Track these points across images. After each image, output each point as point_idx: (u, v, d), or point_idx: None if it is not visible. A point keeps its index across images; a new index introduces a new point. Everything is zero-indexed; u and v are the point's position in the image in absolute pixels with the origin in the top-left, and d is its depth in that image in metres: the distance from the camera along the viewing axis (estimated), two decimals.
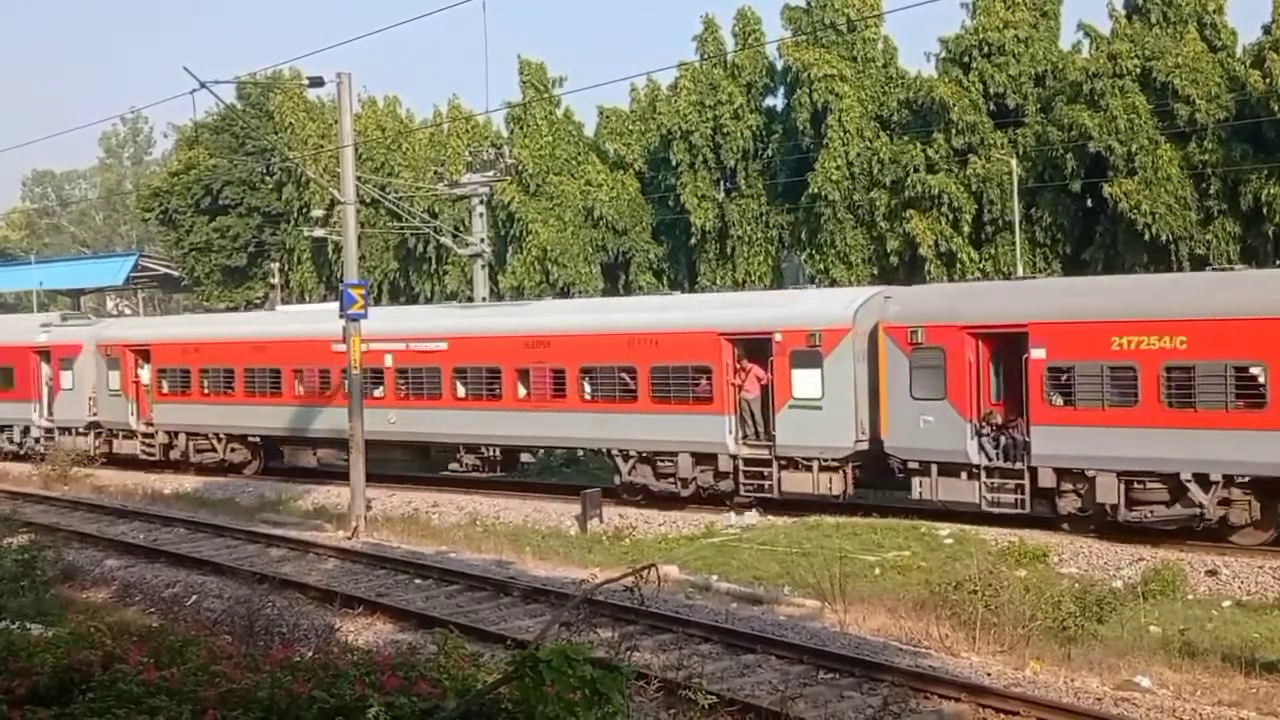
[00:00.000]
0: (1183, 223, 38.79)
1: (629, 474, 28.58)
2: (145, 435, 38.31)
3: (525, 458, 32.12)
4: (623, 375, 28.70)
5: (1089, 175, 40.33)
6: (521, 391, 30.08)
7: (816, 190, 44.46)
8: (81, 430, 40.17)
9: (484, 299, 43.02)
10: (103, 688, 7.72)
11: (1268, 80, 37.38)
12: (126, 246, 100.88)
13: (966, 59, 42.94)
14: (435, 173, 52.46)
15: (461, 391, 31.41)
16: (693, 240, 48.65)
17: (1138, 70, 39.68)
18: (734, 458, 27.03)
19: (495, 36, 58.16)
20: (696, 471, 27.58)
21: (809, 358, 25.82)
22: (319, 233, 55.01)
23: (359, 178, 31.97)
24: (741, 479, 26.96)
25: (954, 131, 42.31)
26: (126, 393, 38.53)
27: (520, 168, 50.86)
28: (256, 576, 20.89)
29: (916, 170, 42.65)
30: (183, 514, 29.82)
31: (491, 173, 45.18)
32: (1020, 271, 39.55)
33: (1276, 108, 37.01)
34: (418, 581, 21.38)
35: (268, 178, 63.31)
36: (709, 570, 22.05)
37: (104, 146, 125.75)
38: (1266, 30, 39.23)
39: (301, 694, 7.40)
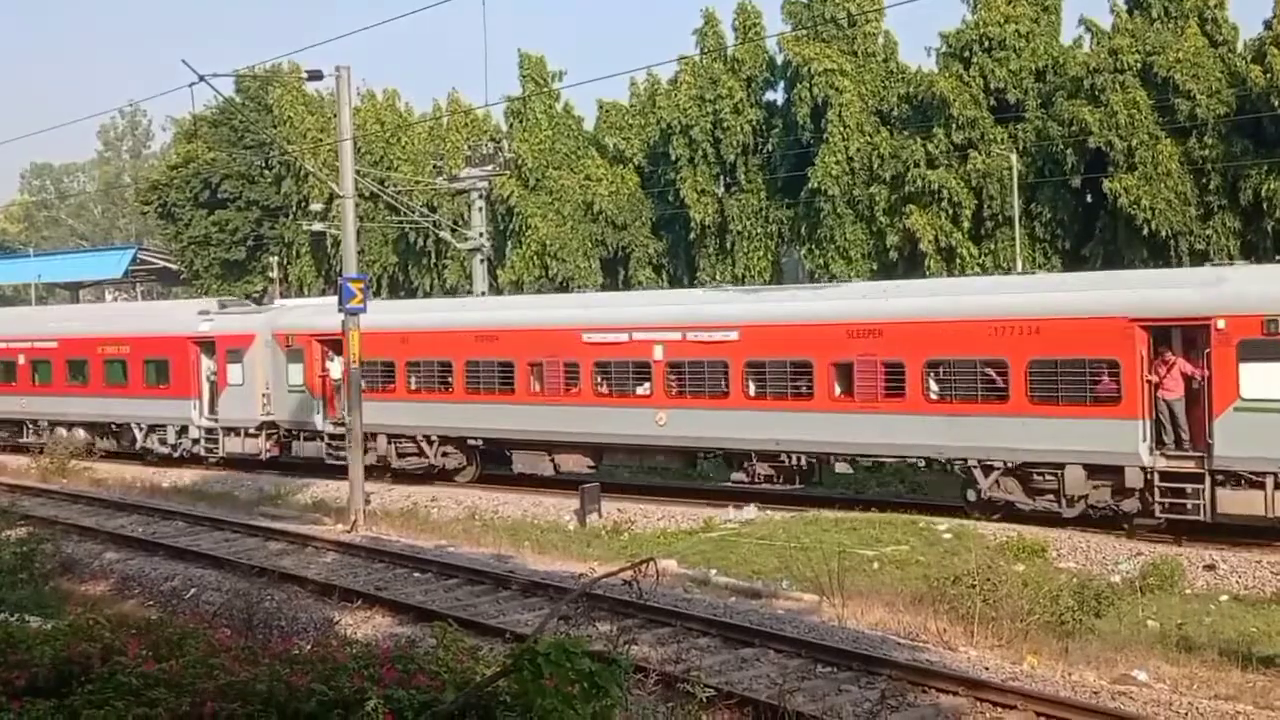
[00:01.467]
0: (1182, 218, 38.78)
1: (989, 489, 24.17)
2: (334, 436, 33.25)
3: (841, 467, 26.94)
4: (986, 370, 24.15)
5: (1089, 170, 40.32)
6: (837, 389, 25.75)
7: (816, 185, 44.43)
8: (252, 431, 35.66)
9: (482, 292, 42.99)
10: (102, 680, 7.72)
11: (1268, 76, 37.35)
12: (125, 240, 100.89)
13: (967, 54, 42.92)
14: (434, 167, 52.54)
15: (755, 389, 26.82)
16: (692, 235, 48.64)
17: (1138, 65, 39.67)
18: (1146, 471, 22.32)
19: (495, 30, 58.45)
20: (1089, 487, 23.15)
21: (1268, 349, 21.12)
22: (318, 227, 55.06)
23: (358, 171, 31.95)
24: (1155, 496, 22.25)
25: (954, 126, 42.30)
26: (311, 389, 33.95)
27: (519, 162, 50.89)
28: (255, 570, 20.94)
29: (917, 165, 42.64)
30: (181, 507, 29.82)
31: (491, 167, 45.27)
32: (1020, 267, 39.59)
33: (1277, 103, 36.98)
34: (417, 575, 21.40)
35: (266, 171, 63.29)
36: (707, 564, 22.06)
37: (102, 139, 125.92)
38: (1267, 25, 39.19)
39: (300, 686, 7.41)
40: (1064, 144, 40.36)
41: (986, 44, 42.59)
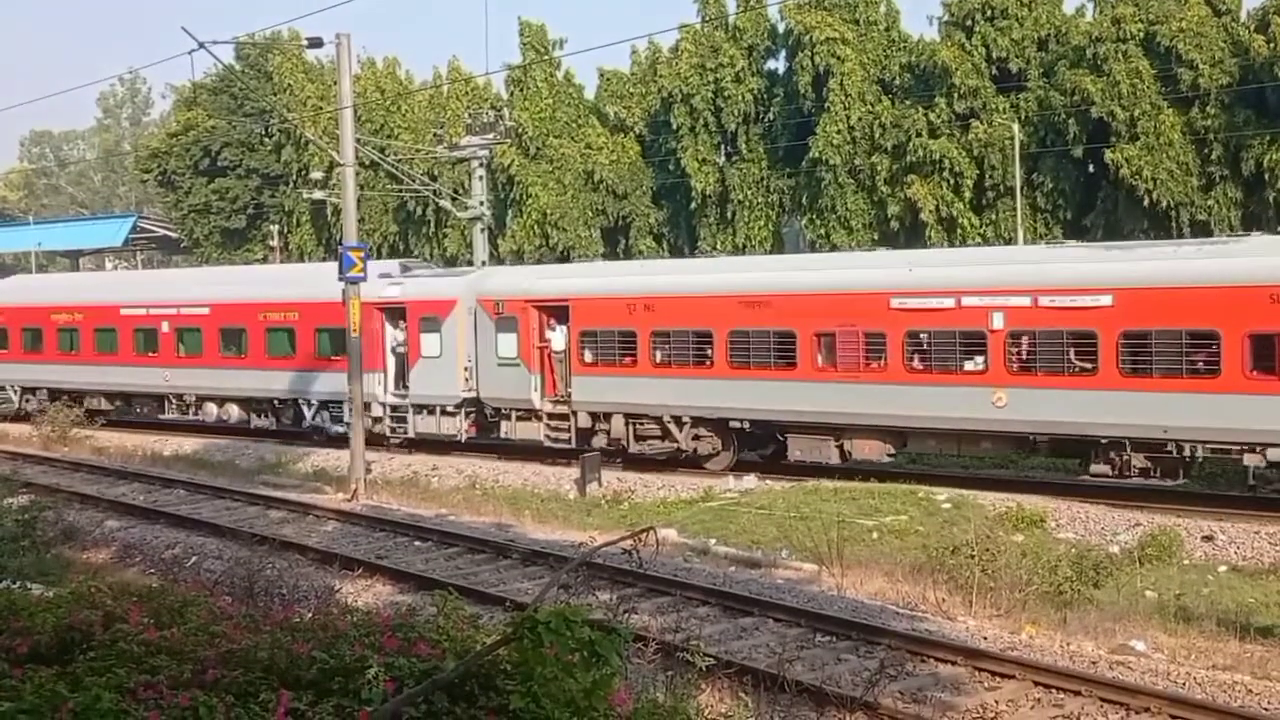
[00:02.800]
0: (1184, 189, 38.72)
1: None
2: (554, 416, 29.91)
3: (1252, 460, 21.64)
4: None
5: (1091, 140, 40.23)
6: (1253, 367, 21.31)
7: (818, 155, 44.34)
8: (450, 409, 31.62)
9: (483, 262, 42.93)
10: (103, 647, 7.75)
11: (1271, 45, 37.24)
12: (125, 208, 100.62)
13: (969, 22, 42.74)
14: (435, 135, 52.34)
15: (1133, 364, 22.49)
16: (693, 205, 48.56)
17: (1141, 35, 39.53)
18: None
19: None
20: None
21: None
22: (318, 195, 54.92)
23: (358, 140, 31.85)
24: None
25: (956, 96, 42.18)
26: (527, 362, 29.96)
27: (520, 130, 50.76)
28: (257, 538, 20.98)
29: (918, 135, 42.53)
30: (183, 476, 29.88)
31: (491, 135, 45.10)
32: (1021, 238, 39.54)
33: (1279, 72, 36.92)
34: (417, 544, 21.47)
35: (266, 139, 63.15)
36: (707, 534, 22.11)
37: (102, 107, 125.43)
38: None
39: (301, 654, 7.44)
40: (1066, 114, 40.25)
41: (989, 12, 42.42)
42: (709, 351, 27.48)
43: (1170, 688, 12.78)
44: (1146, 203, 38.80)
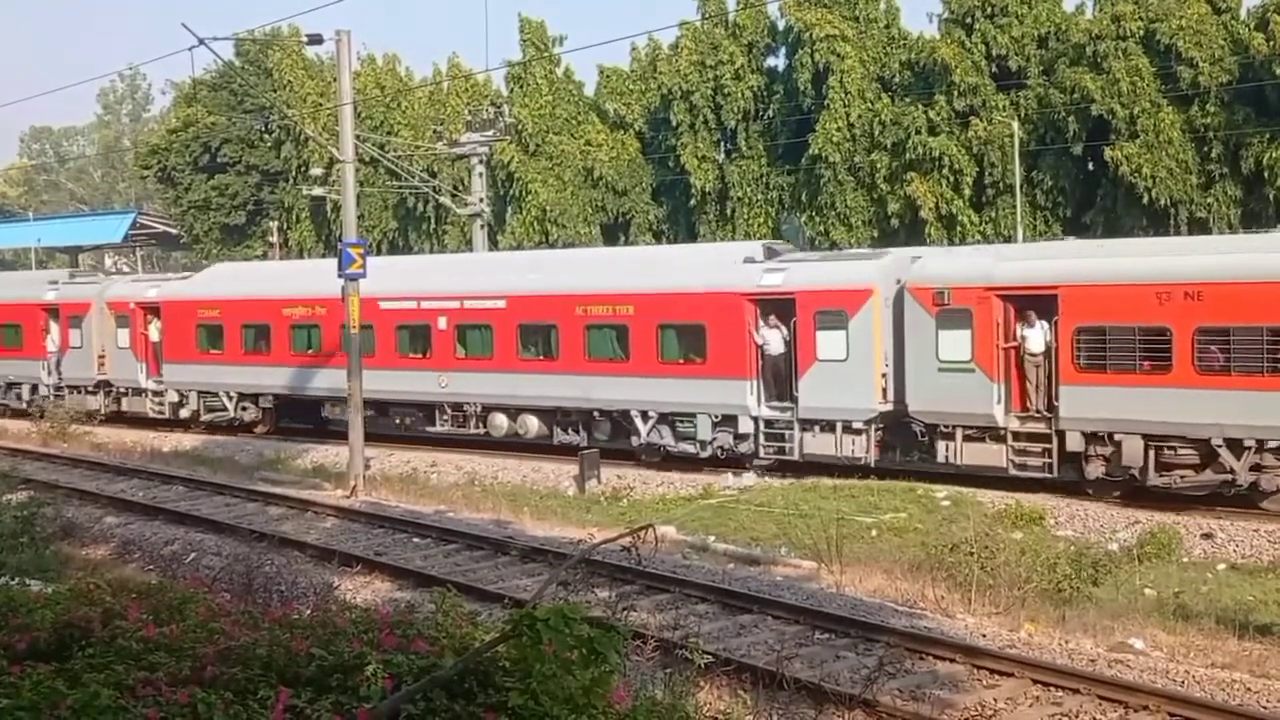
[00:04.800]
0: (1183, 186, 38.74)
1: None
2: (1025, 436, 23.68)
3: None
4: None
5: (1091, 138, 40.25)
6: None
7: (817, 152, 44.36)
8: (857, 425, 25.32)
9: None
10: (102, 644, 7.74)
11: (1271, 43, 37.26)
12: (125, 204, 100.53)
13: (969, 20, 42.76)
14: (434, 132, 52.38)
15: None
16: (692, 201, 48.59)
17: (1141, 32, 39.54)
18: None
19: None
20: None
21: None
22: (318, 191, 54.94)
23: (358, 136, 31.83)
24: None
25: (956, 93, 42.19)
26: (986, 367, 23.73)
27: (520, 127, 50.77)
28: (255, 534, 20.99)
29: (918, 132, 42.54)
30: (181, 472, 29.84)
31: (491, 132, 45.12)
32: (1020, 235, 39.54)
33: (1279, 71, 36.90)
34: (416, 540, 21.46)
35: (266, 136, 63.15)
36: (706, 531, 22.12)
37: (102, 103, 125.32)
38: None
39: (300, 651, 7.43)
40: (1066, 111, 40.26)
41: (989, 10, 42.44)
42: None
43: (1169, 686, 12.78)
44: (1146, 200, 38.83)
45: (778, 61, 49.00)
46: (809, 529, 20.68)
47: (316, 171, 55.45)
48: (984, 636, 14.63)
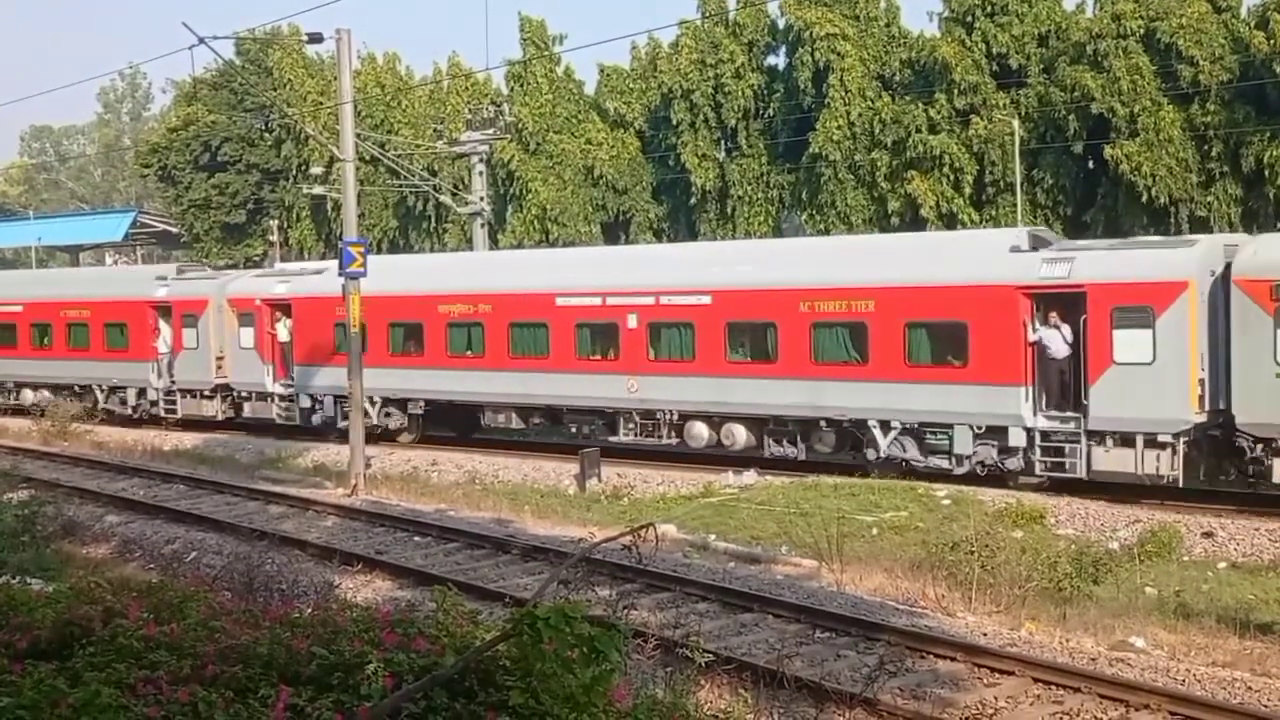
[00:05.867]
0: (1183, 185, 38.72)
1: None
2: None
3: None
4: None
5: (1091, 137, 40.24)
6: None
7: (817, 150, 44.35)
8: (1164, 438, 21.91)
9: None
10: (103, 642, 7.75)
11: (1271, 42, 37.22)
12: (125, 203, 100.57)
13: (969, 18, 42.73)
14: (435, 130, 52.37)
15: None
16: (693, 200, 48.60)
17: (1141, 31, 39.52)
18: None
19: None
20: None
21: None
22: (318, 190, 54.94)
23: (358, 135, 31.81)
24: None
25: (956, 92, 42.17)
26: None
27: (520, 126, 50.75)
28: (256, 533, 20.98)
29: (918, 131, 42.52)
30: (182, 471, 29.88)
31: (491, 131, 45.12)
32: None
33: (1279, 69, 36.89)
34: (417, 539, 21.47)
35: (267, 134, 63.13)
36: (707, 530, 22.13)
37: (102, 102, 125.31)
38: None
39: (301, 650, 7.44)
40: (1066, 110, 40.25)
41: (989, 8, 42.42)
42: None
43: (1170, 684, 12.79)
44: (1146, 199, 38.80)
45: (778, 60, 49.01)
46: (810, 527, 20.68)
47: (317, 170, 55.44)
48: (985, 635, 14.64)
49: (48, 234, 79.48)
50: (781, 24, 47.72)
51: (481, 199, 44.26)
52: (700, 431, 27.55)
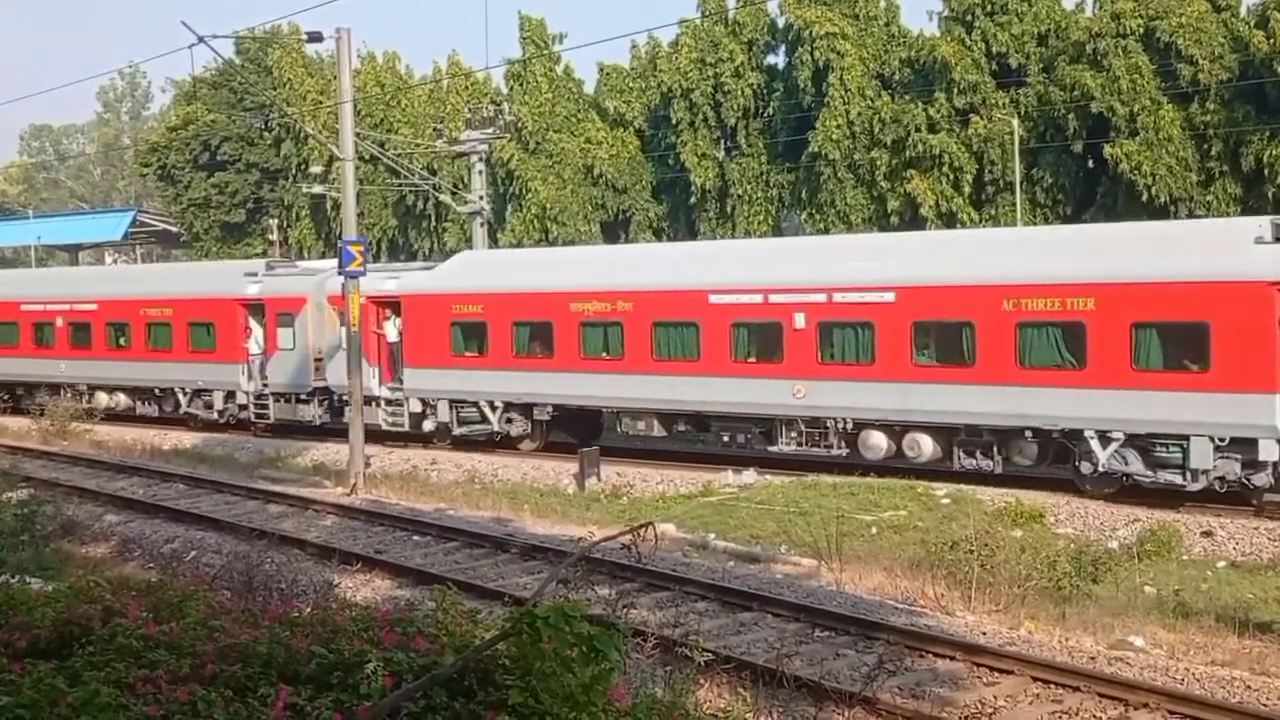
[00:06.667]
0: (1183, 184, 38.73)
1: None
2: None
3: None
4: None
5: (1091, 136, 40.24)
6: None
7: (817, 149, 44.34)
8: None
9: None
10: (102, 641, 7.75)
11: (1271, 41, 37.22)
12: (124, 202, 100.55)
13: (969, 17, 42.72)
14: (434, 130, 52.33)
15: None
16: (692, 199, 48.60)
17: (1141, 30, 39.51)
18: None
19: None
20: None
21: None
22: (318, 189, 54.90)
23: (358, 134, 31.79)
24: None
25: (956, 91, 42.17)
26: None
27: (520, 125, 50.74)
28: (255, 532, 20.98)
29: (918, 130, 42.52)
30: (182, 470, 29.88)
31: (491, 130, 45.06)
32: None
33: (1279, 68, 36.89)
34: (416, 538, 21.48)
35: (266, 133, 63.13)
36: (706, 529, 22.13)
37: (102, 101, 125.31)
38: None
39: (300, 649, 7.44)
40: (1066, 109, 40.25)
41: (989, 8, 42.41)
42: None
43: (1169, 683, 12.79)
44: (1146, 198, 38.80)
45: (778, 59, 48.99)
46: (809, 527, 20.68)
47: (316, 169, 55.42)
48: (984, 634, 14.65)
49: (47, 233, 79.47)
50: (781, 23, 47.71)
51: (481, 198, 44.22)
52: (878, 441, 25.26)
